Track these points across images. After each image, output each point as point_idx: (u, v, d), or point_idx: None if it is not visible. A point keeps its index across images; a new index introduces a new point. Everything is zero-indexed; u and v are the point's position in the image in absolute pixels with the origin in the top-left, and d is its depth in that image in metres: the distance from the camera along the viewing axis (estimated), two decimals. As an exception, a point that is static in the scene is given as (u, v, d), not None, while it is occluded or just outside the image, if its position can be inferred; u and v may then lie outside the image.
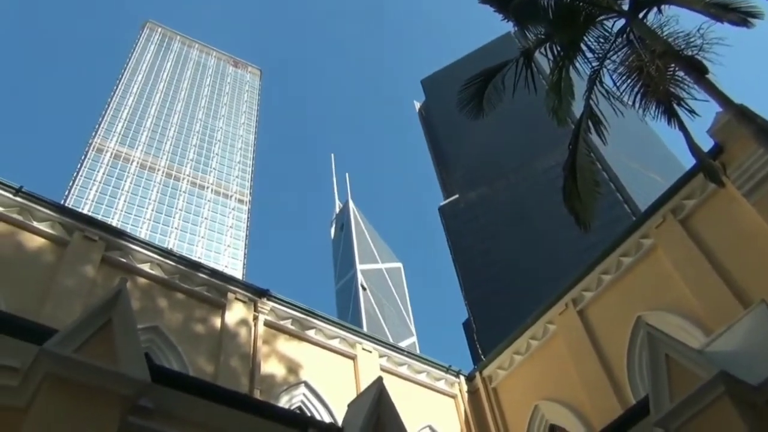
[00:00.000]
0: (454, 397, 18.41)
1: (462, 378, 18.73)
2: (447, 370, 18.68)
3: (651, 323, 10.42)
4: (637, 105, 12.66)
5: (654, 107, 12.54)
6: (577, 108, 13.94)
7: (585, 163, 12.29)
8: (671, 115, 12.34)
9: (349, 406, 9.01)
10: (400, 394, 13.69)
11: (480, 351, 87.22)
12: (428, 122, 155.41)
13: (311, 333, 16.60)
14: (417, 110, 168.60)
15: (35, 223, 13.76)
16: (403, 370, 17.88)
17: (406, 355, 18.44)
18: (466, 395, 18.39)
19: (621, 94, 12.99)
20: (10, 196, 13.59)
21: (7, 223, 13.42)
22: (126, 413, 6.41)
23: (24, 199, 13.77)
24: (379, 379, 8.80)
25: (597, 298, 16.35)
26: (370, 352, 17.25)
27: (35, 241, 13.63)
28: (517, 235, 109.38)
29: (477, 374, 18.74)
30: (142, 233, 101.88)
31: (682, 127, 12.30)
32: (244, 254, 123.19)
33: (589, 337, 15.97)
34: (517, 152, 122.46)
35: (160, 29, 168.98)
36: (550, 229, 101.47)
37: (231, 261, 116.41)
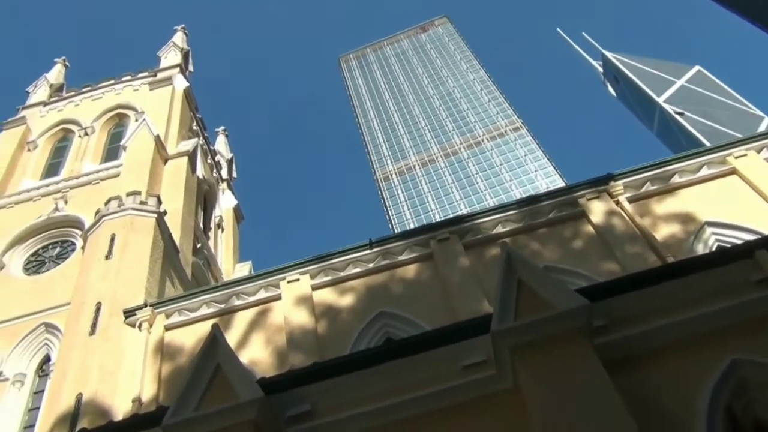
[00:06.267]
0: None
1: None
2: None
3: None
4: None
5: None
6: None
7: None
8: None
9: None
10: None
11: None
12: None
13: (676, 179, 15.65)
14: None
15: (399, 258, 15.47)
16: (794, 146, 15.78)
17: (785, 133, 16.27)
18: None
19: None
20: (368, 251, 15.53)
21: (383, 271, 15.37)
22: (591, 338, 6.63)
23: (378, 247, 15.67)
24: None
25: None
26: (746, 155, 15.58)
27: (410, 270, 15.28)
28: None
29: None
30: (465, 211, 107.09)
31: None
32: (554, 167, 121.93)
33: None
34: None
35: (352, 55, 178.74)
36: None
37: (548, 180, 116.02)
